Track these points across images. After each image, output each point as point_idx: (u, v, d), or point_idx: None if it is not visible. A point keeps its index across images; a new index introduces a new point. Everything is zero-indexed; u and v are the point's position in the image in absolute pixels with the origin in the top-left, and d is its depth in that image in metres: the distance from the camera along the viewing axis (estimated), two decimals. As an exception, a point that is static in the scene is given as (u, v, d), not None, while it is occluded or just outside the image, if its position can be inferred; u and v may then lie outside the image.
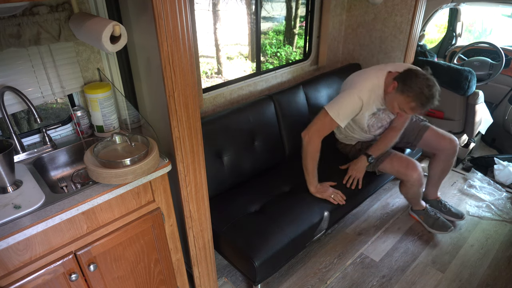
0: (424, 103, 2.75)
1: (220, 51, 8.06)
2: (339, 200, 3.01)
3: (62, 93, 2.33)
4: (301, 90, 3.73)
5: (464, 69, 3.93)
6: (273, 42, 8.62)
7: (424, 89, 2.71)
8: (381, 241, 3.52)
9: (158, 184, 2.15)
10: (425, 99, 2.74)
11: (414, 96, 2.75)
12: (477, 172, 4.44)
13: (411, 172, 3.16)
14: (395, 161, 3.19)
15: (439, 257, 3.33)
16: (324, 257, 3.35)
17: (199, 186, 2.34)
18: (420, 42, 4.65)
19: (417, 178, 3.19)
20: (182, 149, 2.13)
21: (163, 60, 1.84)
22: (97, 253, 2.02)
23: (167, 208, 2.28)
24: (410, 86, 2.75)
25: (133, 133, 2.29)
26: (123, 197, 2.03)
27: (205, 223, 2.52)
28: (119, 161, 1.90)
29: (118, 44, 1.85)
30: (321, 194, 3.02)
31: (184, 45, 1.88)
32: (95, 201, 1.87)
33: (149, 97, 2.31)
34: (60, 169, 2.31)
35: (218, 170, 3.07)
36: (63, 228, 1.84)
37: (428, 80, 2.75)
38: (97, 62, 2.41)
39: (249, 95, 3.78)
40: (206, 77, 7.84)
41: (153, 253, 2.32)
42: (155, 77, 2.08)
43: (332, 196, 3.01)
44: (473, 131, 4.24)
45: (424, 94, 2.72)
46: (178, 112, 2.01)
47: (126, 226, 2.09)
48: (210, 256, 2.71)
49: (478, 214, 3.83)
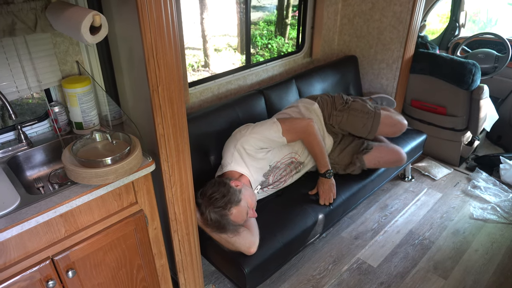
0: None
1: (207, 43, 8.05)
2: (326, 201, 3.10)
3: (39, 87, 2.33)
4: (293, 84, 3.75)
5: (468, 62, 3.96)
6: (264, 33, 8.64)
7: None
8: (379, 245, 3.55)
9: (141, 184, 2.17)
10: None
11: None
12: (481, 172, 4.47)
13: (400, 159, 3.44)
14: (382, 153, 3.40)
15: (441, 262, 3.36)
16: (318, 263, 3.37)
17: (185, 186, 2.36)
18: (421, 33, 4.67)
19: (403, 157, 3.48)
20: (166, 147, 2.15)
21: (146, 52, 1.86)
22: (76, 258, 2.03)
23: (150, 210, 2.29)
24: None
25: (114, 130, 2.30)
26: (103, 199, 2.04)
27: (191, 226, 2.54)
28: (99, 160, 1.92)
29: (98, 35, 1.86)
30: (333, 187, 3.14)
31: (169, 36, 1.89)
32: (73, 203, 1.88)
33: (132, 91, 2.32)
34: (37, 168, 2.32)
35: (205, 169, 3.09)
36: (40, 231, 1.85)
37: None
38: (76, 54, 2.42)
39: (238, 89, 3.80)
40: (192, 71, 7.84)
41: (135, 259, 2.34)
42: (138, 70, 2.08)
43: (330, 197, 3.11)
44: (478, 128, 4.27)
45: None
46: (163, 108, 2.03)
47: (106, 230, 2.10)
48: (196, 261, 2.72)
49: (483, 216, 3.86)
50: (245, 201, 2.67)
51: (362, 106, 3.36)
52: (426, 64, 4.22)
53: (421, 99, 4.44)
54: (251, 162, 2.91)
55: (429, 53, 4.28)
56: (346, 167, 3.39)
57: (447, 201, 4.07)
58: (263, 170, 3.00)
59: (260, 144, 2.91)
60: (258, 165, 2.96)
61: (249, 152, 2.89)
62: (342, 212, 3.26)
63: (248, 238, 2.63)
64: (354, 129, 3.39)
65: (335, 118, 3.35)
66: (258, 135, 2.90)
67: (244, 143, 2.88)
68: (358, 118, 3.33)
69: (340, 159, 3.40)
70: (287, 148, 3.11)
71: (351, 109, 3.34)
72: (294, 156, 3.15)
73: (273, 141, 2.95)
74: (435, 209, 3.98)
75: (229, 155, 2.91)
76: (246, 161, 2.90)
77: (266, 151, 2.96)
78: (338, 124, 3.37)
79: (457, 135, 4.40)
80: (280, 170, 3.11)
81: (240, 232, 2.63)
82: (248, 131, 2.93)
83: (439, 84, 4.19)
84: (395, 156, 3.44)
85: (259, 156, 2.93)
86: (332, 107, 3.37)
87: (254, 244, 2.63)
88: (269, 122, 3.02)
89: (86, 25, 1.79)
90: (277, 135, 2.93)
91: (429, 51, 4.40)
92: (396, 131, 3.45)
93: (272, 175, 3.08)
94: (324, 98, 3.44)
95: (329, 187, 3.11)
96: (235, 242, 2.59)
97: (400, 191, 4.28)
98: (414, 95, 4.48)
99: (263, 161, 2.98)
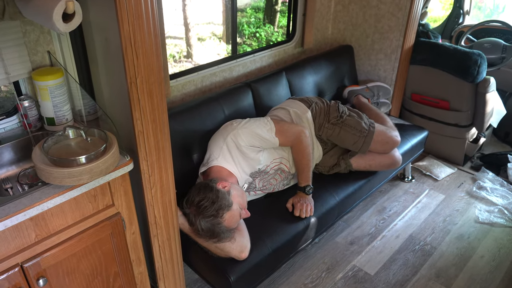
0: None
1: (190, 31, 8.05)
2: (302, 213, 3.05)
3: (7, 80, 2.33)
4: (283, 76, 3.79)
5: (473, 52, 4.00)
6: (252, 21, 8.65)
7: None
8: (376, 251, 3.58)
9: (118, 185, 2.18)
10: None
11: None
12: (488, 172, 4.50)
13: (394, 163, 3.51)
14: (374, 155, 3.46)
15: (444, 270, 3.39)
16: (310, 270, 3.40)
17: (166, 188, 2.38)
18: (422, 21, 4.69)
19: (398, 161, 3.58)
20: (145, 145, 2.16)
21: (123, 41, 1.87)
22: (47, 265, 2.03)
23: (128, 213, 2.31)
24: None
25: (89, 126, 2.31)
26: (77, 201, 2.05)
27: (173, 230, 2.56)
28: (72, 159, 1.92)
29: (71, 23, 1.86)
30: (310, 204, 3.07)
31: (148, 24, 1.91)
32: (45, 205, 1.88)
33: (108, 84, 2.33)
34: (4, 168, 2.32)
35: (188, 169, 3.11)
36: (8, 236, 1.85)
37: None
38: (48, 44, 2.42)
39: (223, 82, 3.83)
40: (173, 62, 7.84)
41: (112, 266, 2.35)
42: (115, 61, 2.08)
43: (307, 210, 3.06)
44: (484, 124, 4.30)
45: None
46: (141, 102, 2.05)
47: (81, 234, 2.11)
48: (178, 269, 2.74)
49: (489, 220, 3.89)
50: (237, 203, 2.67)
51: (357, 123, 3.36)
52: (427, 54, 4.26)
53: (422, 93, 4.47)
54: (240, 160, 2.93)
55: (430, 43, 4.31)
56: (331, 168, 3.43)
57: (451, 203, 4.11)
58: (251, 169, 3.02)
59: (251, 141, 2.93)
60: (247, 165, 2.98)
61: (239, 148, 2.91)
62: (336, 215, 3.28)
63: (239, 241, 2.64)
64: (343, 144, 3.41)
65: (326, 130, 3.37)
66: (250, 131, 2.93)
67: (236, 137, 2.90)
68: (350, 135, 3.34)
69: (325, 160, 3.44)
70: (278, 152, 3.14)
71: (345, 125, 3.35)
72: (284, 162, 3.16)
73: (266, 140, 2.97)
74: (437, 212, 4.01)
75: (217, 149, 2.92)
76: (234, 157, 2.92)
77: (258, 150, 2.99)
78: (328, 137, 3.39)
79: (461, 131, 4.43)
80: (269, 176, 3.12)
81: (233, 236, 2.64)
82: (240, 125, 2.96)
83: (441, 76, 4.23)
84: (388, 159, 3.49)
85: (249, 154, 2.95)
86: (325, 118, 3.39)
87: (246, 248, 2.65)
88: (263, 120, 3.06)
89: (58, 12, 1.79)
90: (270, 134, 2.97)
91: (430, 40, 4.43)
92: (387, 149, 3.47)
93: (260, 179, 3.09)
94: (319, 106, 3.46)
95: (306, 203, 3.05)
96: (224, 247, 2.60)
97: (399, 192, 4.31)
98: (415, 88, 4.51)
99: (253, 161, 3.00)
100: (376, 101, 4.20)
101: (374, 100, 4.18)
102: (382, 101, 4.27)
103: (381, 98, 4.24)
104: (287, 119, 3.30)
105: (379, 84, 4.28)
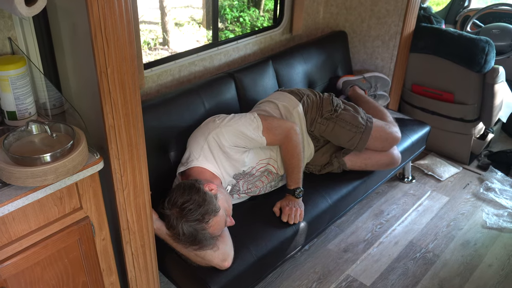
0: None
1: (166, 16, 8.05)
2: (290, 219, 3.06)
3: (-39, 69, 2.33)
4: (270, 66, 3.81)
5: (480, 39, 4.03)
6: (235, 4, 8.65)
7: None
8: (373, 259, 3.60)
9: (86, 186, 2.18)
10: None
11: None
12: (496, 171, 4.53)
13: (392, 162, 3.54)
14: (370, 153, 3.48)
15: (448, 280, 3.41)
16: (300, 281, 3.41)
17: (139, 189, 2.39)
18: (424, 4, 4.71)
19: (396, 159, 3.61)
20: (117, 141, 2.17)
21: (93, 26, 1.88)
22: (8, 275, 2.04)
23: (98, 218, 2.31)
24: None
25: (55, 121, 2.30)
26: (41, 203, 2.04)
27: (147, 236, 2.57)
28: (36, 157, 1.93)
29: (35, 7, 1.87)
30: (300, 208, 3.09)
31: (120, 7, 1.91)
32: (5, 208, 1.88)
33: (75, 74, 2.33)
34: (-41, 167, 2.32)
35: (164, 169, 3.12)
36: (-35, 242, 1.86)
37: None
38: (8, 29, 2.41)
39: (203, 72, 3.84)
40: (148, 49, 7.85)
41: (80, 275, 2.35)
42: (83, 49, 2.09)
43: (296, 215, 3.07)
44: (492, 118, 4.34)
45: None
46: (112, 94, 2.05)
47: (45, 241, 2.11)
48: (153, 278, 2.76)
49: (498, 225, 3.92)
50: (223, 208, 2.66)
51: (353, 118, 3.36)
52: (429, 41, 4.29)
53: (424, 84, 4.50)
54: (222, 161, 2.94)
55: (433, 28, 4.33)
56: (322, 167, 3.46)
57: (455, 206, 4.14)
58: (234, 171, 3.02)
59: (235, 141, 2.92)
60: (230, 166, 2.98)
61: (222, 148, 2.90)
62: (328, 220, 3.31)
63: (221, 249, 2.65)
64: (338, 141, 3.43)
65: (319, 126, 3.38)
66: (234, 130, 2.92)
67: (218, 136, 2.89)
68: (345, 131, 3.34)
69: (316, 158, 3.47)
70: (265, 152, 3.15)
71: (339, 120, 3.36)
72: (271, 163, 3.18)
73: (251, 139, 2.97)
74: (440, 216, 4.04)
75: (197, 148, 2.91)
76: (216, 158, 2.91)
77: (243, 151, 2.99)
78: (321, 133, 3.41)
79: (467, 126, 4.45)
80: (254, 178, 3.14)
81: (216, 244, 2.63)
82: (224, 122, 2.95)
83: (445, 65, 4.26)
84: (386, 157, 3.52)
85: (233, 155, 2.95)
86: (318, 112, 3.39)
87: (229, 256, 2.66)
88: (249, 116, 3.05)
89: (20, -6, 1.80)
90: (256, 133, 2.96)
91: (433, 25, 4.46)
92: (385, 147, 3.50)
93: (244, 181, 3.10)
94: (311, 99, 3.46)
95: (295, 207, 3.06)
96: (205, 255, 2.61)
97: (398, 194, 4.33)
98: (416, 78, 4.54)
99: (237, 163, 3.00)
100: (373, 93, 4.21)
101: (371, 92, 4.19)
102: (379, 94, 4.28)
103: (378, 90, 4.26)
104: (275, 114, 3.31)
105: (377, 74, 4.29)
